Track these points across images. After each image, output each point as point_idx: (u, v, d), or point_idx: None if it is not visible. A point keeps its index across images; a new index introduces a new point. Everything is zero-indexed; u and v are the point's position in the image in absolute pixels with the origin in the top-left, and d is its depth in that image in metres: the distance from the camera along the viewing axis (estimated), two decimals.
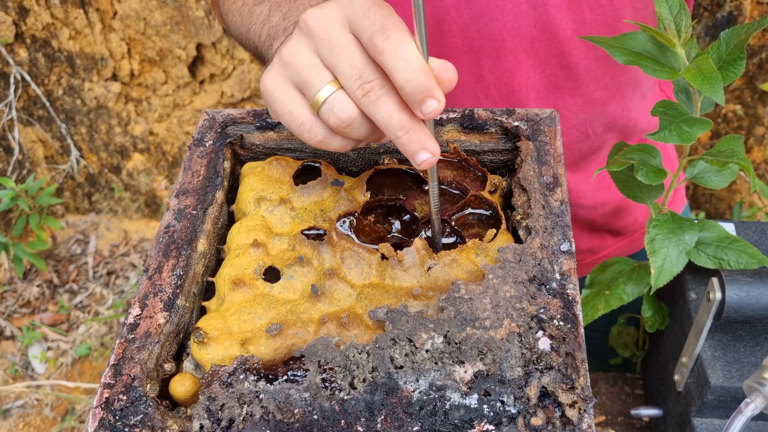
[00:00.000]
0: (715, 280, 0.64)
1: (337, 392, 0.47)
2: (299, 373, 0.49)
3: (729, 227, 0.73)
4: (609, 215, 0.97)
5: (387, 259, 0.55)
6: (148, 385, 0.48)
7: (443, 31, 0.78)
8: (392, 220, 0.62)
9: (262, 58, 0.73)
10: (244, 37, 0.77)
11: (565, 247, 0.53)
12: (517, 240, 0.57)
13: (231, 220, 0.63)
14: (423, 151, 0.49)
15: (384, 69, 0.47)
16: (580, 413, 0.45)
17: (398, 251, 0.55)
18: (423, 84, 0.46)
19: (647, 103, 0.92)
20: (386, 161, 0.63)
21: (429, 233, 0.60)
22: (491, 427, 0.45)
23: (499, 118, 0.63)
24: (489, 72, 0.81)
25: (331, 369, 0.47)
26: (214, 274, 0.58)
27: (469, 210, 0.61)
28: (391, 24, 0.47)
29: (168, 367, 0.51)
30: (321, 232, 0.58)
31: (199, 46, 2.16)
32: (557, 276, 0.51)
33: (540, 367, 0.47)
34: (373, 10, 0.48)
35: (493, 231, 0.56)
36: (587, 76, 0.82)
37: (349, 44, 0.49)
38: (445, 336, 0.48)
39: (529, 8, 0.76)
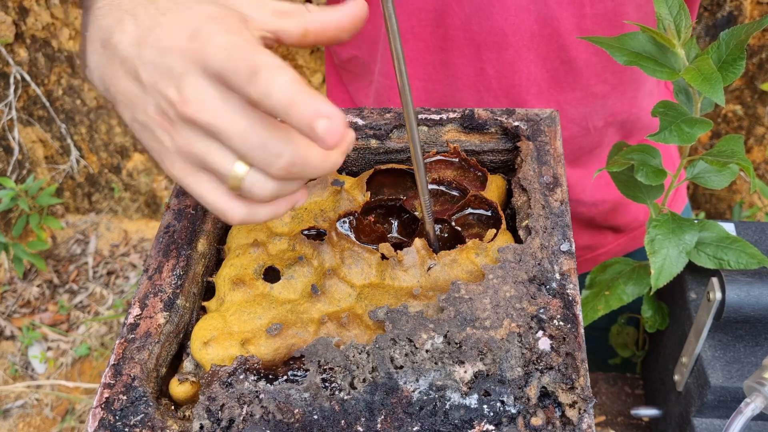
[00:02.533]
0: (715, 280, 0.64)
1: (337, 392, 0.47)
2: (299, 373, 0.49)
3: (729, 227, 0.73)
4: (609, 212, 0.97)
5: (387, 259, 0.55)
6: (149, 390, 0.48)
7: (445, 25, 0.78)
8: (392, 220, 0.62)
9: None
10: None
11: (565, 247, 0.53)
12: (517, 240, 0.57)
13: None
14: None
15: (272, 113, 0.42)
16: (580, 413, 0.45)
17: (398, 251, 0.55)
18: (302, 114, 0.39)
19: (652, 100, 0.92)
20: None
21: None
22: (491, 427, 0.45)
23: (499, 118, 0.63)
24: (490, 66, 0.81)
25: (331, 369, 0.47)
26: (214, 274, 0.58)
27: (469, 210, 0.61)
28: (256, 65, 0.40)
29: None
30: (321, 232, 0.58)
31: None
32: (557, 276, 0.51)
33: (540, 367, 0.47)
34: (234, 53, 0.41)
35: (493, 231, 0.56)
36: (588, 69, 0.82)
37: (233, 119, 0.42)
38: (445, 336, 0.48)
39: (530, 3, 0.76)
